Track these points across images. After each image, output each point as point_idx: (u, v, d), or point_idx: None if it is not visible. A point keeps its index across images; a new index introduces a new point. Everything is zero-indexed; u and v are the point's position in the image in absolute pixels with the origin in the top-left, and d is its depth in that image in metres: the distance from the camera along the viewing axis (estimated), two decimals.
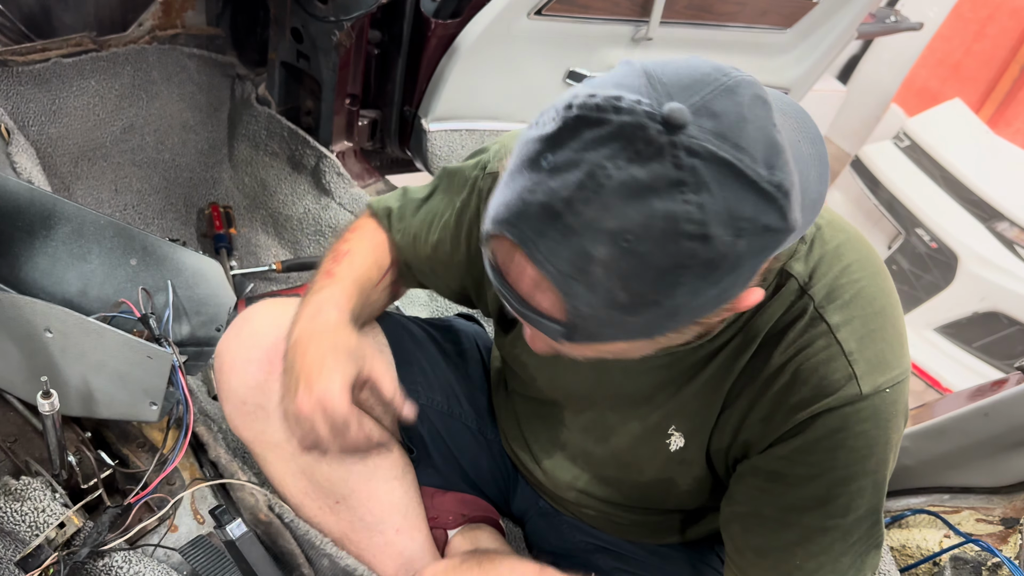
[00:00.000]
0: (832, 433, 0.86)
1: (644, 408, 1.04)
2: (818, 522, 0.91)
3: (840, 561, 0.92)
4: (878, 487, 0.89)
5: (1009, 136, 3.81)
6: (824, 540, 0.91)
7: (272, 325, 1.18)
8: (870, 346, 0.86)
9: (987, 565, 1.20)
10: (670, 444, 1.03)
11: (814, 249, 0.88)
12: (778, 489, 0.92)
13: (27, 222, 1.31)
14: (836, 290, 0.87)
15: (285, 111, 2.27)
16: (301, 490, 1.19)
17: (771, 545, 0.95)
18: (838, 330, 0.86)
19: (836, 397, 0.85)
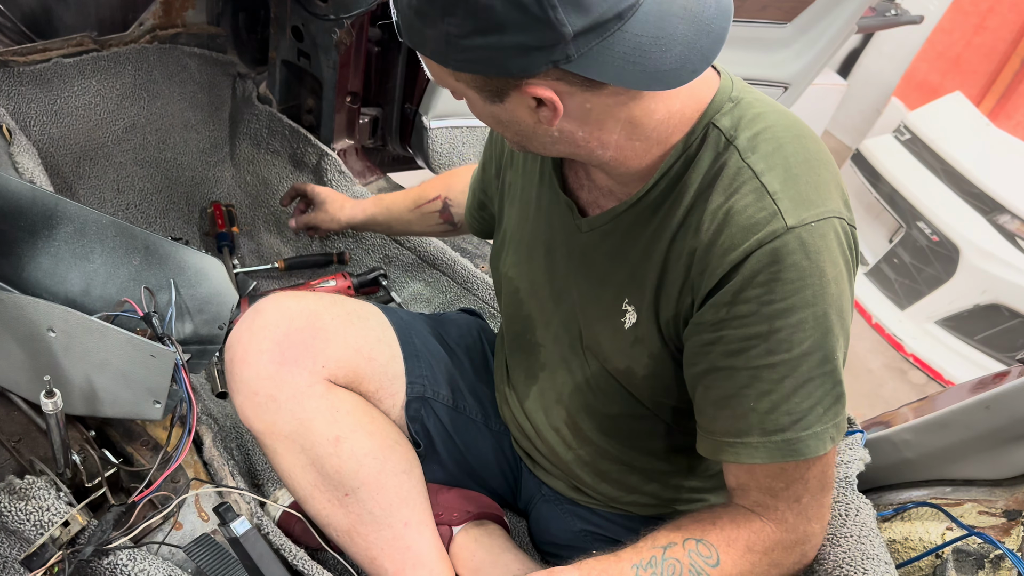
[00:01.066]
0: (763, 268, 0.88)
1: (601, 288, 1.08)
2: (763, 359, 0.92)
3: (792, 400, 0.92)
4: (820, 322, 0.90)
5: (1010, 129, 3.81)
6: (773, 376, 0.92)
7: (283, 317, 1.19)
8: (793, 187, 0.90)
9: (989, 557, 1.20)
10: (625, 321, 1.06)
11: (736, 110, 0.94)
12: (723, 336, 0.94)
13: (29, 222, 1.32)
14: (759, 144, 0.92)
15: (286, 109, 2.28)
16: (310, 482, 1.20)
17: (726, 394, 0.96)
18: (762, 175, 0.90)
19: (764, 233, 0.88)
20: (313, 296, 1.26)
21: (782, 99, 2.64)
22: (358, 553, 1.22)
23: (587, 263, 1.10)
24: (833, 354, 0.92)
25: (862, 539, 1.16)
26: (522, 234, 1.22)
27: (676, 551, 0.99)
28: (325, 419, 1.18)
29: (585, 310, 1.13)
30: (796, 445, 0.94)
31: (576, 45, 0.78)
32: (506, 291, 1.29)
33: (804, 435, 0.94)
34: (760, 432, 0.95)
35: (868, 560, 1.12)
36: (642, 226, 1.01)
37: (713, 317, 0.94)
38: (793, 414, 0.93)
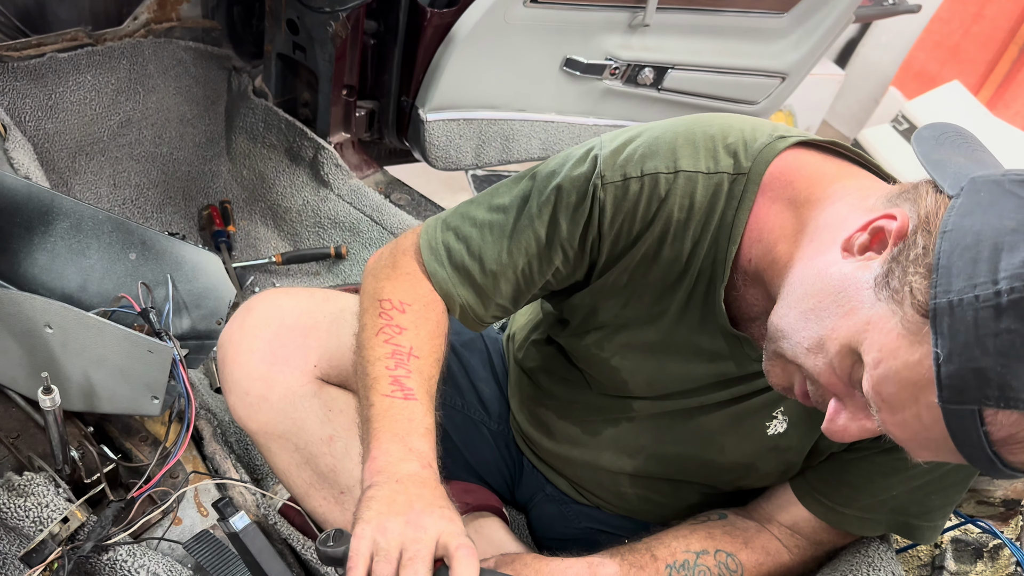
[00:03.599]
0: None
1: (755, 397, 1.02)
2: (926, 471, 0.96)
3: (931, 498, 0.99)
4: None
5: (1008, 118, 3.80)
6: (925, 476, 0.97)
7: (274, 315, 1.19)
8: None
9: (988, 547, 1.21)
10: (769, 428, 1.02)
11: None
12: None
13: (25, 218, 1.31)
14: None
15: (282, 103, 2.27)
16: (306, 480, 1.20)
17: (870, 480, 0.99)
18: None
19: None
20: (305, 293, 1.25)
21: (779, 89, 2.64)
22: None
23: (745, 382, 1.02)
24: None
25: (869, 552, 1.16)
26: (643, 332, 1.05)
27: (708, 560, 1.02)
28: (318, 419, 1.17)
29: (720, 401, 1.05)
30: (912, 531, 1.01)
31: None
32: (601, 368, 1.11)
33: (924, 525, 0.99)
34: (890, 511, 1.00)
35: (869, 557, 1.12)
36: None
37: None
38: (925, 506, 0.99)
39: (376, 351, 1.00)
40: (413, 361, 1.00)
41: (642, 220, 0.93)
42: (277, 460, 1.20)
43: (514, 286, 1.04)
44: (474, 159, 2.32)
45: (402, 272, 1.07)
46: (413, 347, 1.01)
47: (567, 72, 2.28)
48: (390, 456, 0.91)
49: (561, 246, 0.99)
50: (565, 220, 0.97)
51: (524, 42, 2.16)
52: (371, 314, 1.04)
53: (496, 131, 2.32)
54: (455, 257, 1.05)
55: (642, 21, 2.22)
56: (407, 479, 0.88)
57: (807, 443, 1.02)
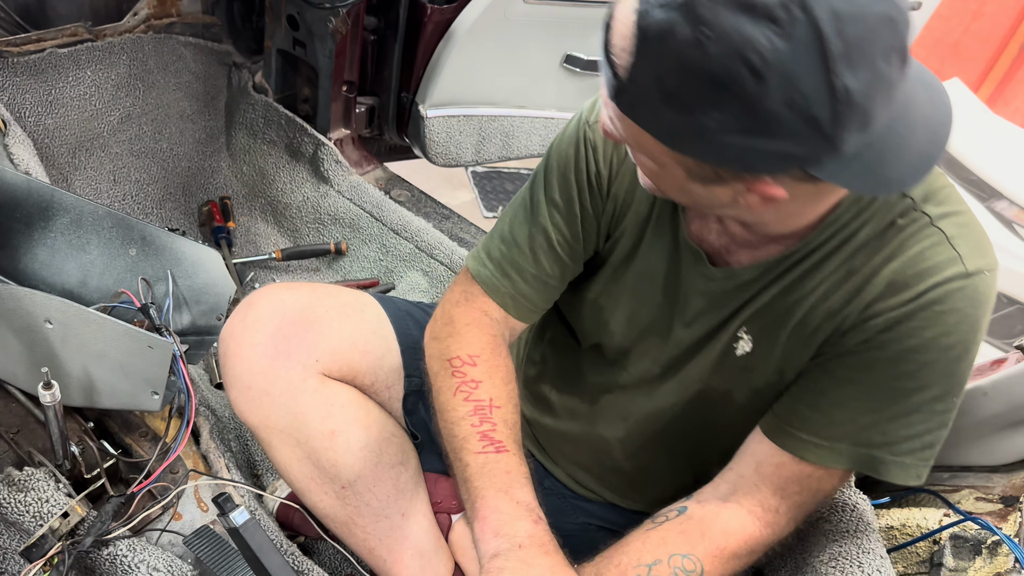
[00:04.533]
0: (931, 304, 0.89)
1: (723, 325, 1.05)
2: (884, 381, 0.93)
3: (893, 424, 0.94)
4: (951, 368, 0.91)
5: (1008, 115, 3.80)
6: (883, 398, 0.94)
7: (276, 310, 1.19)
8: (969, 234, 0.91)
9: (987, 543, 1.21)
10: (736, 348, 1.04)
11: None
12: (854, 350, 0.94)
13: (25, 213, 1.31)
14: (932, 194, 0.92)
15: (282, 99, 2.27)
16: (307, 475, 1.20)
17: (831, 401, 0.97)
18: (938, 220, 0.90)
19: (943, 275, 0.89)
20: (307, 287, 1.25)
21: None
22: (357, 544, 1.22)
23: (714, 306, 1.05)
24: (950, 399, 0.93)
25: (858, 533, 1.16)
26: (623, 268, 1.13)
27: (661, 569, 0.98)
28: (320, 413, 1.17)
29: (697, 343, 1.09)
30: (877, 464, 0.95)
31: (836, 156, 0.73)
32: (588, 313, 1.18)
33: (890, 459, 0.95)
34: (851, 441, 0.96)
35: (864, 554, 1.12)
36: (791, 274, 0.98)
37: (855, 340, 0.95)
38: (888, 436, 0.94)
39: (458, 411, 1.06)
40: (496, 412, 1.05)
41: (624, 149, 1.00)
42: (278, 455, 1.20)
43: (554, 258, 1.11)
44: (474, 155, 2.32)
45: (461, 325, 1.13)
46: (492, 398, 1.06)
47: (567, 68, 2.28)
48: (501, 515, 0.97)
49: (578, 200, 1.07)
50: (570, 174, 1.07)
51: (524, 38, 2.16)
52: (444, 376, 1.10)
53: (496, 127, 2.32)
54: (494, 255, 1.13)
55: None
56: (528, 544, 0.94)
57: (771, 360, 1.02)
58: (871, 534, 1.16)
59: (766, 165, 0.75)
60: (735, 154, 0.73)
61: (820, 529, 1.21)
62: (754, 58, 0.66)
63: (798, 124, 0.69)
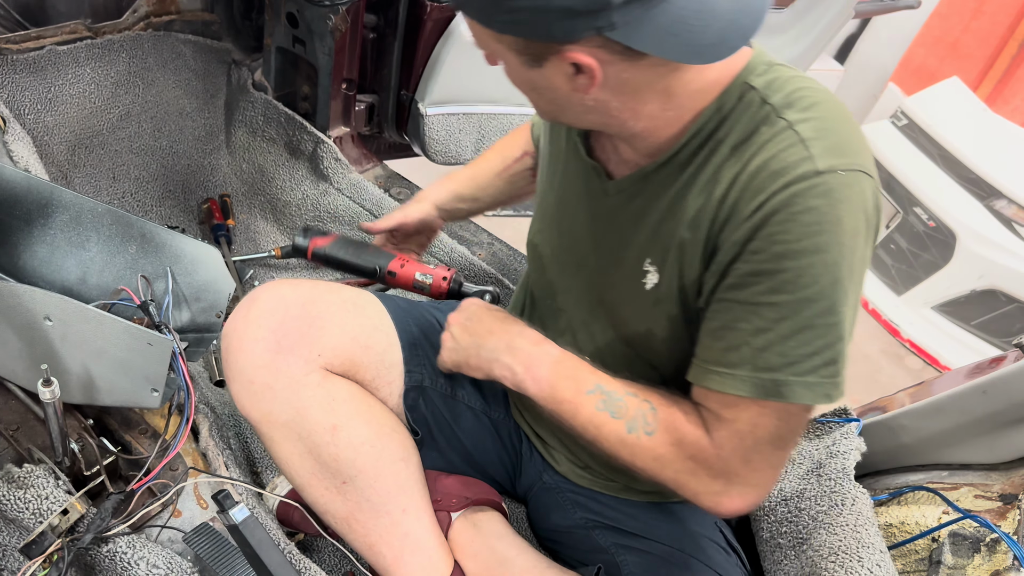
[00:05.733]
0: (784, 206, 0.89)
1: (623, 251, 1.09)
2: (765, 296, 0.92)
3: (788, 343, 0.92)
4: (829, 270, 0.90)
5: (1007, 114, 3.80)
6: (772, 315, 0.92)
7: (279, 305, 1.19)
8: (828, 136, 0.91)
9: (985, 541, 1.21)
10: (646, 283, 1.07)
11: (771, 72, 0.96)
12: (732, 270, 0.95)
13: (25, 211, 1.31)
14: (794, 101, 0.94)
15: (282, 97, 2.27)
16: (308, 470, 1.20)
17: (723, 324, 0.97)
18: (796, 124, 0.92)
19: (792, 175, 0.89)
20: (309, 284, 1.26)
21: None
22: (356, 540, 1.22)
23: (611, 226, 1.11)
24: (838, 307, 0.91)
25: (858, 527, 1.16)
26: (547, 201, 1.24)
27: (633, 401, 1.05)
28: (321, 408, 1.17)
29: (606, 273, 1.14)
30: (782, 388, 0.94)
31: (621, 13, 0.79)
32: (531, 258, 1.30)
33: (794, 380, 0.93)
34: (751, 367, 0.95)
35: (863, 548, 1.13)
36: (669, 186, 1.02)
37: (728, 256, 0.95)
38: (787, 356, 0.93)
39: None
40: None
41: None
42: (279, 450, 1.20)
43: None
44: (474, 153, 2.32)
45: None
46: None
47: None
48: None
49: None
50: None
51: None
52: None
53: (496, 125, 2.32)
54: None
55: None
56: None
57: (673, 288, 1.04)
58: (870, 528, 1.16)
59: (561, 29, 0.83)
60: (530, 20, 0.83)
61: (820, 523, 1.21)
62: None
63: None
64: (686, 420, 1.02)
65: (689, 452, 1.01)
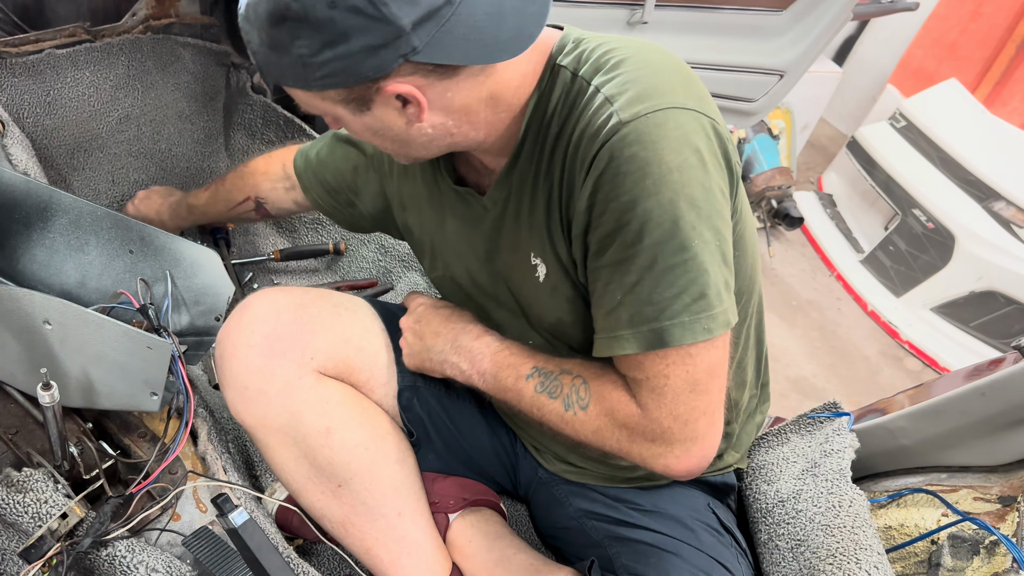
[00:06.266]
0: (606, 166, 0.92)
1: (515, 253, 1.13)
2: (619, 253, 0.95)
3: (656, 291, 0.94)
4: (666, 210, 0.91)
5: (1005, 115, 3.80)
6: (631, 269, 0.95)
7: (271, 311, 1.19)
8: (631, 88, 0.93)
9: (984, 543, 1.21)
10: (539, 276, 1.10)
11: (579, 47, 1.01)
12: (589, 240, 0.99)
13: (24, 214, 1.31)
14: (601, 65, 0.97)
15: (281, 99, 2.26)
16: (303, 475, 1.20)
17: (597, 292, 1.01)
18: (602, 87, 0.95)
19: (603, 133, 0.93)
20: (301, 290, 1.26)
21: (777, 87, 2.64)
22: (353, 544, 1.22)
23: (500, 236, 1.14)
24: (688, 242, 0.92)
25: (855, 529, 1.16)
26: (438, 237, 1.27)
27: (566, 379, 1.09)
28: (315, 411, 1.18)
29: (511, 279, 1.17)
30: (662, 335, 0.95)
31: (417, 36, 0.84)
32: (448, 292, 1.34)
33: (669, 324, 0.95)
34: (628, 324, 0.97)
35: (861, 550, 1.13)
36: (525, 179, 1.06)
37: (580, 228, 0.99)
38: (657, 304, 0.95)
39: None
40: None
41: None
42: (275, 455, 1.20)
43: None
44: None
45: None
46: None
47: None
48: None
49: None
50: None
51: None
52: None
53: None
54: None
55: (640, 19, 2.22)
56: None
57: (559, 270, 1.08)
58: (868, 530, 1.16)
59: (371, 67, 0.86)
60: (340, 68, 0.87)
61: (817, 525, 1.21)
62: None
63: (351, 18, 0.82)
64: (613, 388, 1.04)
65: (620, 420, 1.03)
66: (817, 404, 1.44)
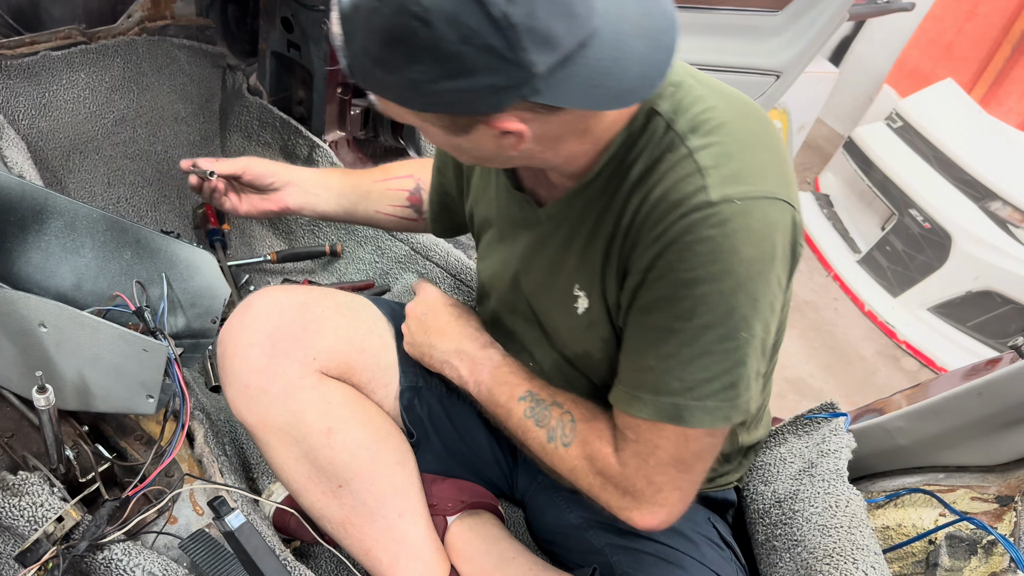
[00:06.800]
0: (680, 237, 0.90)
1: (555, 276, 1.11)
2: (666, 322, 0.94)
3: (688, 368, 0.94)
4: (725, 299, 0.91)
5: (1001, 115, 3.81)
6: (672, 341, 0.94)
7: (273, 310, 1.19)
8: (727, 164, 0.91)
9: (982, 543, 1.21)
10: (577, 307, 1.09)
11: (677, 93, 0.97)
12: (638, 296, 0.98)
13: (19, 217, 1.31)
14: (698, 125, 0.93)
15: (277, 101, 2.26)
16: (304, 474, 1.20)
17: (630, 347, 1.01)
18: (697, 152, 0.91)
19: (687, 206, 0.90)
20: (303, 289, 1.26)
21: (774, 87, 2.64)
22: (353, 545, 1.22)
23: (544, 253, 1.12)
24: (735, 333, 0.92)
25: (852, 530, 1.16)
26: (489, 235, 1.26)
27: (556, 411, 1.11)
28: (317, 411, 1.18)
29: (542, 299, 1.16)
30: (682, 412, 0.95)
31: (545, 80, 0.79)
32: (481, 279, 1.33)
33: (692, 404, 0.95)
34: (652, 390, 0.97)
35: (858, 550, 1.13)
36: (590, 211, 1.03)
37: (635, 281, 0.97)
38: (686, 381, 0.94)
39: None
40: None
41: None
42: (275, 454, 1.20)
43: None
44: None
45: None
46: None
47: None
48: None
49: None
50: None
51: None
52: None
53: None
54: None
55: None
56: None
57: (603, 309, 1.06)
58: (865, 531, 1.16)
59: (487, 103, 0.81)
60: (453, 99, 0.81)
61: (814, 525, 1.21)
62: (415, 8, 0.73)
63: (482, 57, 0.76)
64: (598, 437, 1.06)
65: (598, 467, 1.05)
66: (814, 404, 1.44)
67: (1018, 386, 1.26)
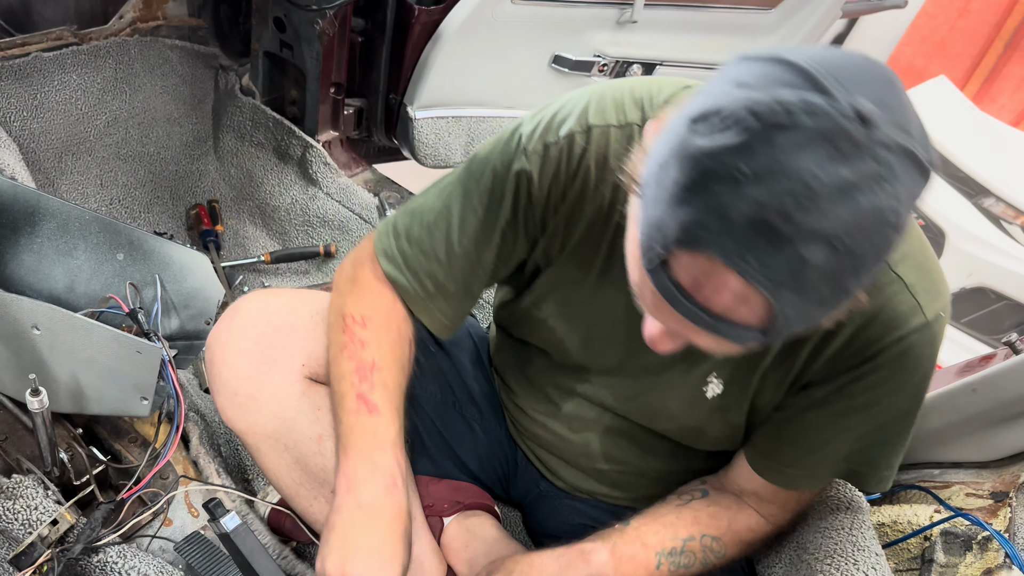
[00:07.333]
0: (898, 357, 0.93)
1: (689, 363, 1.07)
2: (857, 426, 1.00)
3: (868, 450, 1.02)
4: (917, 398, 0.98)
5: (994, 112, 3.82)
6: (859, 431, 1.00)
7: (261, 315, 1.18)
8: (925, 276, 0.93)
9: (977, 539, 1.21)
10: (707, 391, 1.07)
11: None
12: (826, 399, 0.99)
13: (11, 219, 1.30)
14: None
15: (270, 101, 2.26)
16: (295, 480, 1.19)
17: (808, 440, 1.03)
18: (897, 266, 0.90)
19: (907, 328, 0.91)
20: (292, 293, 1.24)
21: None
22: None
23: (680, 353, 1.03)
24: (914, 417, 1.00)
25: (852, 530, 1.16)
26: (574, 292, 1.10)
27: (694, 545, 1.09)
28: (307, 417, 1.16)
29: (655, 378, 1.10)
30: (858, 479, 1.05)
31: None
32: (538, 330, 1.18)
33: (869, 472, 1.03)
34: (833, 463, 1.04)
35: (859, 551, 1.13)
36: None
37: (826, 390, 0.99)
38: (865, 456, 1.02)
39: (342, 367, 1.05)
40: (376, 374, 1.04)
41: (565, 181, 0.99)
42: (267, 461, 1.19)
43: (469, 275, 1.08)
44: (463, 157, 2.32)
45: (362, 286, 1.11)
46: (376, 360, 1.05)
47: (555, 69, 2.28)
48: (356, 474, 0.98)
49: (501, 227, 1.04)
50: (500, 200, 1.02)
51: (512, 39, 2.16)
52: (336, 330, 1.09)
53: (485, 128, 2.32)
54: (412, 263, 1.08)
55: (630, 18, 2.22)
56: (369, 508, 0.95)
57: (744, 401, 1.06)
58: (866, 531, 1.16)
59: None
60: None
61: (815, 527, 1.21)
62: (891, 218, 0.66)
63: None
64: (748, 526, 1.11)
65: (754, 538, 1.12)
66: None
67: (1012, 382, 1.26)
